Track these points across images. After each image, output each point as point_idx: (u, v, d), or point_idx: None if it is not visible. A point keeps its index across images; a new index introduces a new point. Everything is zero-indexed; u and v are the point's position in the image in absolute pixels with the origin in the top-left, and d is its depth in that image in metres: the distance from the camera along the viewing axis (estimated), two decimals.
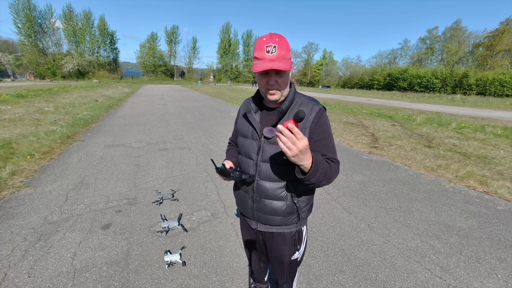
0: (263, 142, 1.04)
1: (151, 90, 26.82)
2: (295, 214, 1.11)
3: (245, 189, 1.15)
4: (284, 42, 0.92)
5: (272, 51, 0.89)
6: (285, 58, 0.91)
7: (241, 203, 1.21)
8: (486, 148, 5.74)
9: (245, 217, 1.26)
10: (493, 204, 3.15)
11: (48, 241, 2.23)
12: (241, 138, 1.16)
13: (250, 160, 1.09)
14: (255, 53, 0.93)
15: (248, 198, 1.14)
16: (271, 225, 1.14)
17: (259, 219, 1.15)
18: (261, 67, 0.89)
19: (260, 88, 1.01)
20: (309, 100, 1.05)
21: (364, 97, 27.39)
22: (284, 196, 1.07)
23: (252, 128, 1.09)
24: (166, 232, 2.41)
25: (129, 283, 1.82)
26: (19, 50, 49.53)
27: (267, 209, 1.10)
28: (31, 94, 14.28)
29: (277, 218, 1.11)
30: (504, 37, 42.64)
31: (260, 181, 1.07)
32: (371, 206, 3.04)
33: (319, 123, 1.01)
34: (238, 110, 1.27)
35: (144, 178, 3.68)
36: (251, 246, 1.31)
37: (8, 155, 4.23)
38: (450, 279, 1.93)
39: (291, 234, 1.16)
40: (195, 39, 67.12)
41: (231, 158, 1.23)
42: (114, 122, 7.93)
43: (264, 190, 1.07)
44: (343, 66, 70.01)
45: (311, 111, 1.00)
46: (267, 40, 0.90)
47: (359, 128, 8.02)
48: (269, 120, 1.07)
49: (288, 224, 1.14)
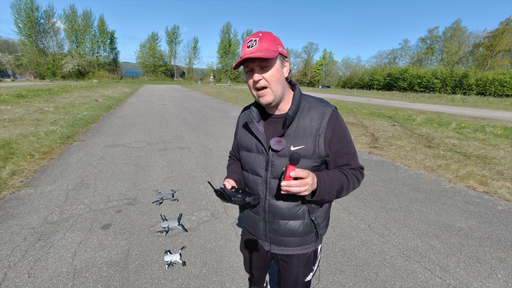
0: (271, 155, 0.91)
1: (151, 90, 26.82)
2: (313, 232, 1.01)
3: (255, 210, 1.02)
4: (268, 36, 0.84)
5: (252, 45, 0.82)
6: (268, 49, 0.81)
7: (251, 225, 1.08)
8: (486, 148, 5.74)
9: (253, 236, 1.13)
10: (493, 204, 3.15)
11: (48, 241, 2.23)
12: (244, 153, 1.03)
13: (258, 178, 0.96)
14: (240, 53, 0.87)
15: (260, 220, 1.02)
16: (287, 246, 1.03)
17: (273, 241, 1.03)
18: (239, 61, 0.83)
19: (251, 92, 0.90)
20: (318, 101, 0.93)
21: (364, 97, 27.39)
22: (301, 215, 0.95)
23: (256, 140, 0.96)
24: (166, 232, 2.41)
25: (129, 283, 1.82)
26: (19, 50, 49.54)
27: (282, 231, 0.98)
28: (31, 94, 14.28)
29: (294, 240, 1.00)
30: (504, 37, 42.67)
31: (272, 200, 0.95)
32: (371, 206, 3.04)
33: (335, 129, 0.90)
34: (237, 121, 1.12)
35: (144, 178, 3.68)
36: (254, 254, 1.21)
37: (8, 155, 4.23)
38: (450, 279, 1.93)
39: (307, 255, 1.05)
40: (196, 39, 67.39)
41: (233, 175, 1.08)
42: (114, 122, 7.93)
43: (279, 210, 0.95)
44: (343, 66, 70.12)
45: (324, 115, 0.89)
46: (250, 37, 0.84)
47: (359, 128, 8.02)
48: (275, 129, 0.94)
49: (306, 245, 1.03)
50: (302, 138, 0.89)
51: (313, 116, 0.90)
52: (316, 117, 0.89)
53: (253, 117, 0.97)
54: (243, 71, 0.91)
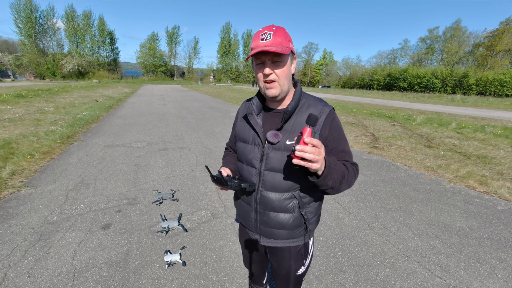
0: (267, 148, 0.94)
1: (151, 90, 26.82)
2: (303, 226, 1.03)
3: (247, 200, 1.05)
4: (282, 31, 0.85)
5: (266, 38, 0.82)
6: (282, 45, 0.82)
7: (242, 215, 1.11)
8: (486, 148, 5.74)
9: (246, 228, 1.16)
10: (493, 204, 3.15)
11: (48, 241, 2.23)
12: (241, 144, 1.06)
13: (253, 169, 0.99)
14: (251, 43, 0.88)
15: (251, 211, 1.04)
16: (276, 239, 1.05)
17: (263, 233, 1.06)
18: (253, 52, 0.84)
19: (258, 83, 0.92)
20: (317, 100, 0.96)
21: (364, 97, 27.39)
22: (291, 208, 0.97)
23: (253, 132, 0.99)
24: (166, 232, 2.41)
25: (129, 283, 1.82)
26: (19, 50, 49.52)
27: (272, 223, 1.01)
28: (31, 94, 14.28)
29: (283, 232, 1.02)
30: (504, 37, 42.66)
31: (265, 191, 0.97)
32: (371, 206, 3.04)
33: (333, 128, 0.94)
34: (237, 113, 1.15)
35: (144, 178, 3.68)
36: (249, 248, 1.24)
37: (8, 155, 4.23)
38: (450, 279, 1.93)
39: (297, 249, 1.07)
40: (196, 39, 67.30)
41: (229, 164, 1.11)
42: (114, 122, 7.93)
43: (269, 202, 0.98)
44: (343, 66, 70.10)
45: (321, 114, 0.92)
46: (264, 29, 0.85)
47: (359, 128, 8.02)
48: (273, 123, 0.97)
49: (295, 238, 1.05)
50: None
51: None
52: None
53: (253, 109, 1.00)
54: (252, 62, 0.92)
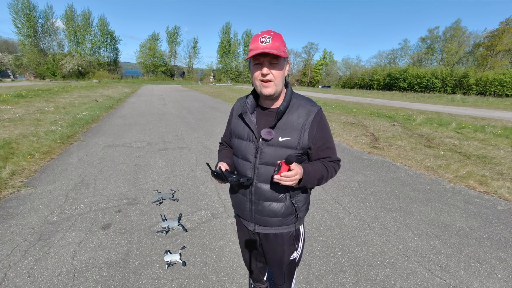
0: (261, 144, 1.03)
1: (151, 90, 26.82)
2: (294, 214, 1.12)
3: (242, 192, 1.13)
4: (279, 37, 0.93)
5: (266, 41, 0.90)
6: (279, 49, 0.91)
7: (238, 206, 1.19)
8: (486, 148, 5.74)
9: (241, 218, 1.24)
10: (493, 204, 3.15)
11: (48, 241, 2.23)
12: (236, 140, 1.14)
13: (248, 163, 1.07)
14: (250, 45, 0.95)
15: (246, 201, 1.13)
16: (269, 226, 1.14)
17: (258, 221, 1.14)
18: (254, 52, 0.90)
19: (254, 82, 1.00)
20: (306, 101, 1.06)
21: (364, 97, 27.40)
22: (283, 198, 1.07)
23: (248, 130, 1.07)
24: (166, 232, 2.41)
25: (129, 283, 1.82)
26: (19, 50, 49.47)
27: (265, 211, 1.10)
28: (31, 94, 14.28)
29: (276, 220, 1.11)
30: (504, 37, 42.68)
31: (259, 183, 1.06)
32: (371, 206, 3.04)
33: (320, 127, 1.04)
34: (232, 110, 1.24)
35: (144, 178, 3.68)
36: (249, 247, 1.31)
37: (8, 155, 4.23)
38: (450, 279, 1.93)
39: (289, 234, 1.17)
40: (196, 39, 67.25)
41: (225, 159, 1.19)
42: (114, 122, 7.93)
43: (263, 193, 1.07)
44: (343, 66, 70.12)
45: (310, 113, 1.02)
46: (263, 33, 0.93)
47: (359, 128, 8.02)
48: (266, 121, 1.06)
49: (287, 225, 1.14)
50: (290, 131, 1.01)
51: (301, 113, 1.02)
52: (303, 114, 1.02)
53: (247, 108, 1.07)
54: (250, 62, 0.99)
